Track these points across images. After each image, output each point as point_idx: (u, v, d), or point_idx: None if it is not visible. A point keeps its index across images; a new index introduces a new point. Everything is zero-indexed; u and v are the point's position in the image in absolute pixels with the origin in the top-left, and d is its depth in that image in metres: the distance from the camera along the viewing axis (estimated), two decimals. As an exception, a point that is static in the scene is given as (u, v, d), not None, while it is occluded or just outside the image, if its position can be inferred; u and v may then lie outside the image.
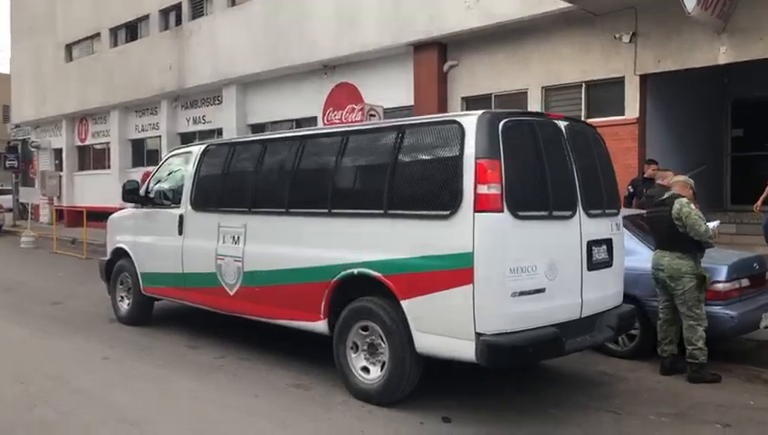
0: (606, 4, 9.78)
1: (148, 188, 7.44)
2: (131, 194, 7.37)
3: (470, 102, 12.21)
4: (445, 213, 4.38)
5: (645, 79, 9.98)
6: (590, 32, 10.40)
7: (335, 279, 5.09)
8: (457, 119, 4.50)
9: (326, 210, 5.22)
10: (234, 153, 6.37)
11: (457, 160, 4.37)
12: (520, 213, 4.31)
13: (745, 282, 6.08)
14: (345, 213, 5.09)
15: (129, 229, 7.68)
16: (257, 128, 17.02)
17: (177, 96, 19.15)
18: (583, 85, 10.69)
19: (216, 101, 17.96)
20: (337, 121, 14.48)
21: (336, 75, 14.59)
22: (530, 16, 10.64)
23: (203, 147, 6.81)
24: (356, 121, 14.01)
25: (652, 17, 9.67)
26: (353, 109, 14.24)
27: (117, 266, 7.80)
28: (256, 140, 6.31)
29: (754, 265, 6.30)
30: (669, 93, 10.29)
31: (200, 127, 18.74)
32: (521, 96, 11.42)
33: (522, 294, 4.33)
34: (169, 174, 7.33)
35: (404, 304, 4.61)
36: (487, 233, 4.21)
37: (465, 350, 4.28)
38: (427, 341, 4.53)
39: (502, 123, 4.40)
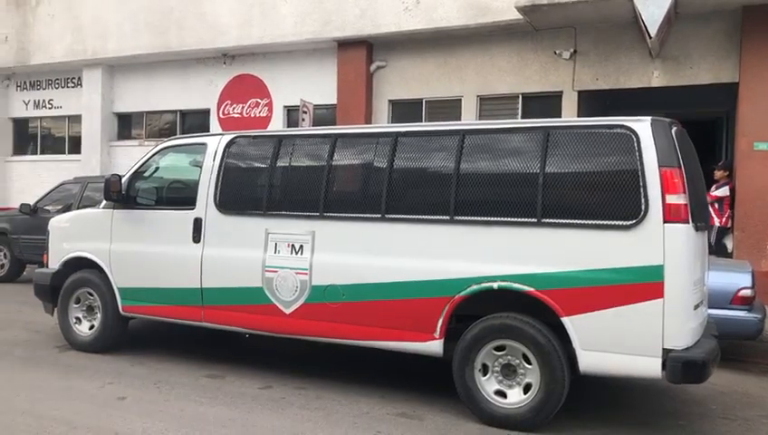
0: (551, 21, 10.20)
1: (127, 186, 6.06)
2: (114, 192, 5.93)
3: (398, 106, 12.00)
4: (626, 223, 4.14)
5: (582, 95, 10.60)
6: (529, 46, 10.79)
7: (461, 294, 4.56)
8: (628, 124, 4.28)
9: (447, 217, 4.65)
10: (285, 147, 5.43)
11: (636, 168, 4.15)
12: (698, 224, 4.25)
13: (753, 289, 6.70)
14: (476, 220, 4.58)
15: (94, 235, 6.18)
16: (125, 117, 15.03)
17: (12, 73, 16.14)
18: (520, 97, 11.05)
19: (71, 84, 15.47)
20: (237, 116, 13.33)
21: (236, 65, 13.39)
22: (474, 25, 10.73)
23: (226, 138, 5.71)
24: (262, 117, 13.09)
25: (592, 37, 10.32)
26: (257, 103, 13.27)
27: (71, 281, 6.26)
28: (324, 134, 5.42)
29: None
30: (604, 110, 11.06)
31: (45, 112, 16.02)
32: (454, 103, 11.48)
33: (696, 307, 4.27)
34: (165, 170, 6.05)
35: (566, 320, 4.27)
36: (677, 244, 4.06)
37: (650, 367, 4.08)
38: (596, 360, 4.24)
39: (674, 130, 4.30)
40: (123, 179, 6.05)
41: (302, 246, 5.16)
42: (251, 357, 6.07)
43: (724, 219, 8.94)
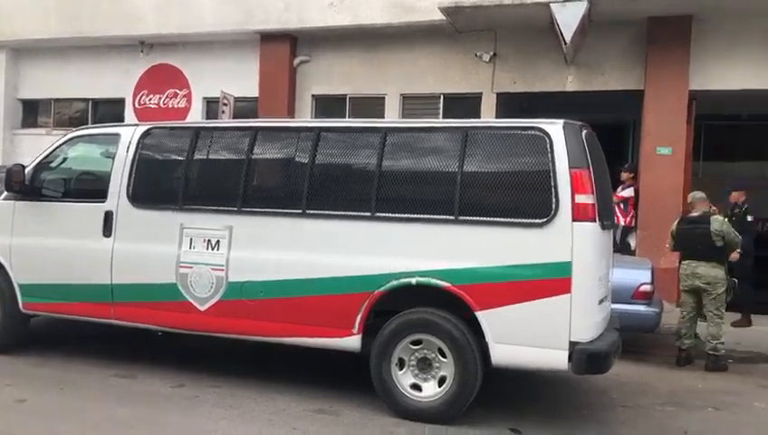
0: (472, 24, 10.43)
1: (32, 177, 5.74)
2: (16, 183, 5.59)
3: (322, 101, 11.94)
4: (538, 221, 4.30)
5: (501, 97, 10.90)
6: (451, 47, 10.97)
7: (380, 290, 4.61)
8: (541, 126, 4.44)
9: (368, 213, 4.68)
10: (203, 140, 5.30)
11: (548, 168, 4.31)
12: (604, 223, 4.46)
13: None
14: (397, 217, 4.62)
15: (-8, 227, 5.82)
16: (31, 104, 14.20)
17: None
18: (442, 97, 11.24)
19: (-35, 66, 14.42)
20: (154, 107, 12.88)
21: (155, 54, 12.91)
22: (398, 23, 10.81)
23: (141, 129, 5.51)
24: (181, 108, 12.73)
25: (511, 41, 10.61)
26: (176, 94, 12.88)
27: (-43, 276, 5.86)
28: (244, 127, 5.31)
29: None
30: (521, 112, 11.39)
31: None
32: (378, 101, 11.53)
33: (600, 302, 4.49)
34: (74, 161, 5.77)
35: (480, 315, 4.39)
36: (585, 242, 4.26)
37: (558, 359, 4.26)
38: (508, 353, 4.39)
39: (585, 132, 4.50)
40: (27, 169, 5.72)
41: (218, 242, 5.05)
42: (164, 356, 5.90)
43: (628, 219, 9.42)
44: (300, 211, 4.85)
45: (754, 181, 15.40)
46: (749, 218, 8.09)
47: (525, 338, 4.33)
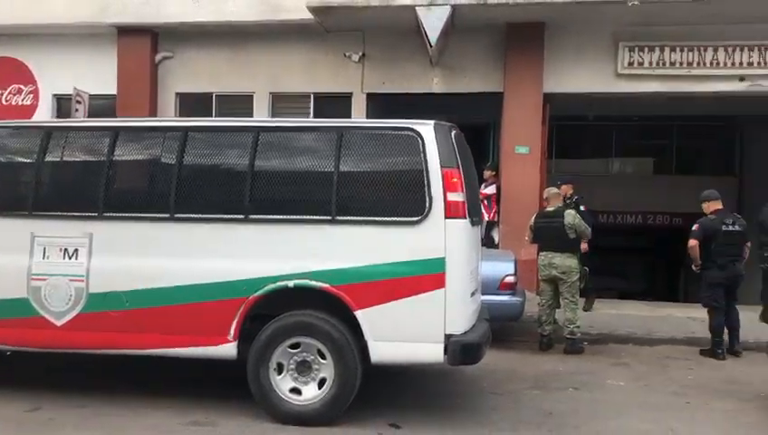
0: (341, 24, 10.49)
1: None
2: None
3: (186, 100, 11.45)
4: (413, 220, 4.40)
5: (370, 97, 11.05)
6: (321, 47, 10.95)
7: (256, 294, 4.50)
8: (414, 127, 4.55)
9: (241, 216, 4.55)
10: (56, 140, 4.88)
11: (422, 168, 4.42)
12: (473, 219, 4.66)
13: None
14: (272, 219, 4.54)
15: None
16: None
17: None
18: (312, 96, 11.19)
19: None
20: (-6, 102, 11.72)
21: (-4, 47, 11.74)
22: (265, 21, 10.62)
23: (-21, 128, 4.98)
24: (26, 106, 11.71)
25: (379, 42, 10.78)
26: (20, 90, 11.83)
27: None
28: (103, 127, 4.96)
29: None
30: (390, 112, 11.60)
31: None
32: (246, 100, 11.26)
33: (472, 295, 4.69)
34: None
35: (359, 314, 4.42)
36: (457, 238, 4.42)
37: (435, 352, 4.39)
38: (386, 350, 4.46)
39: (453, 133, 4.67)
40: None
41: (76, 250, 4.68)
42: (16, 378, 5.36)
43: (492, 214, 9.93)
44: (167, 215, 4.62)
45: (599, 176, 16.97)
46: (582, 208, 8.73)
47: (403, 334, 4.43)
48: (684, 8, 9.15)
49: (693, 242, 7.05)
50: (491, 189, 9.99)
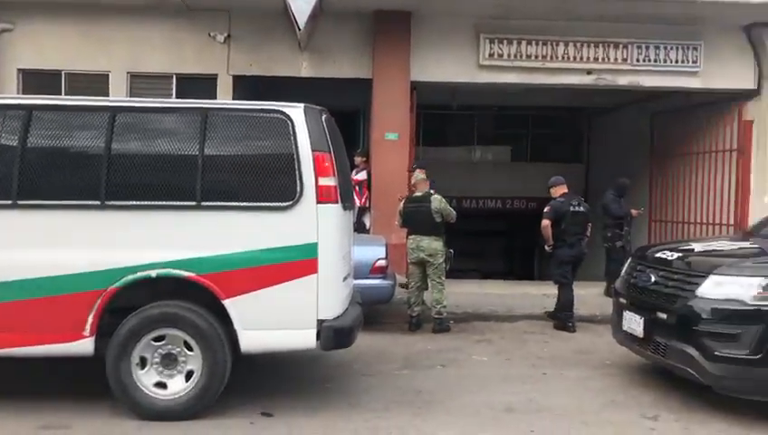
0: (204, 2, 10.06)
1: None
2: None
3: (31, 77, 10.44)
4: (283, 205, 4.32)
5: (237, 79, 10.70)
6: (184, 26, 10.41)
7: (115, 286, 4.22)
8: (283, 109, 4.45)
9: (97, 202, 4.23)
10: None
11: (292, 152, 4.35)
12: (345, 204, 4.66)
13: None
14: (132, 205, 4.26)
15: None
16: None
17: None
18: (174, 77, 10.63)
19: None
20: None
21: None
22: (120, -5, 9.93)
23: None
24: None
25: (245, 22, 10.45)
26: None
27: None
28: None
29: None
30: (258, 95, 11.30)
31: None
32: (101, 78, 10.45)
33: (344, 279, 4.70)
34: None
35: (228, 303, 4.29)
36: (329, 223, 4.41)
37: (307, 338, 4.37)
38: (257, 338, 4.37)
39: (324, 117, 4.63)
40: None
41: None
42: None
43: (363, 200, 10.04)
44: (9, 202, 4.20)
45: (462, 163, 17.74)
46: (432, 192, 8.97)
47: (275, 321, 4.36)
48: (539, 4, 9.73)
49: (546, 222, 7.64)
50: (362, 175, 10.08)
